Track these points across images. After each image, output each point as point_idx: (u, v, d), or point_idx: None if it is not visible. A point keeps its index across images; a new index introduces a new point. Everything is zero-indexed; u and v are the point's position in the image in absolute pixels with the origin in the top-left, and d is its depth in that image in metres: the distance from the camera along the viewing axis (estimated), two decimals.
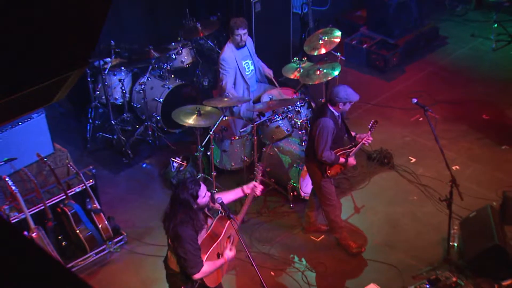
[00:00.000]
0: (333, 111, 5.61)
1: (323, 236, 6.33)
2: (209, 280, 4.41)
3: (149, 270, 6.02)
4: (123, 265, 6.12)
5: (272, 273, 5.89)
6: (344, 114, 5.82)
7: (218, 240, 4.36)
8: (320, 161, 5.69)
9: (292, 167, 6.65)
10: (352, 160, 5.82)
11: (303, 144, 6.66)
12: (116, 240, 6.22)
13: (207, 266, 4.26)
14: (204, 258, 4.26)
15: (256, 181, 4.65)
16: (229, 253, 4.43)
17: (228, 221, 4.33)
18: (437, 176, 6.92)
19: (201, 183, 4.20)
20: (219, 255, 4.40)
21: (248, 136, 6.85)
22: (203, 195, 4.22)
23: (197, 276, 4.18)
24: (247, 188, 4.61)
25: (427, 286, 5.55)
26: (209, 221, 4.44)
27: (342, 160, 5.73)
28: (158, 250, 6.03)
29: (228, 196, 4.63)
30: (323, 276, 5.89)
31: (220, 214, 4.38)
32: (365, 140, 5.82)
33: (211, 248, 4.33)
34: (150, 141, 7.74)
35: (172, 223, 4.20)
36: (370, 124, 5.81)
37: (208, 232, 4.37)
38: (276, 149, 6.82)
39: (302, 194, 6.70)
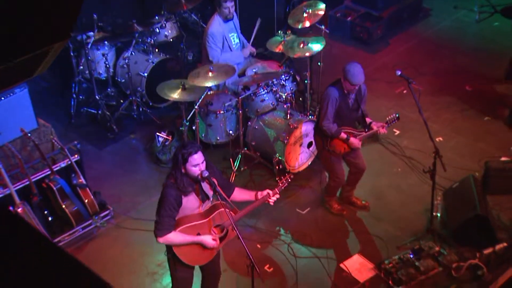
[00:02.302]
0: (344, 85, 5.49)
1: (308, 208, 6.35)
2: (185, 257, 4.32)
3: (136, 244, 5.99)
4: (110, 240, 6.09)
5: (258, 245, 5.89)
6: (363, 97, 5.68)
7: (204, 221, 4.26)
8: (323, 131, 5.64)
9: (278, 140, 6.60)
10: (355, 141, 5.69)
11: (288, 117, 6.63)
12: (102, 214, 6.20)
13: (174, 235, 4.16)
14: (179, 228, 4.17)
15: (273, 190, 4.46)
16: (208, 239, 4.27)
17: (221, 208, 4.20)
18: (421, 148, 6.92)
19: (200, 152, 4.05)
20: (199, 235, 4.31)
21: (233, 110, 6.79)
22: (194, 163, 4.07)
23: (160, 239, 4.12)
24: (260, 194, 4.44)
25: (411, 256, 5.60)
26: (207, 203, 4.35)
27: (343, 135, 5.64)
28: (145, 225, 5.99)
29: (241, 195, 4.51)
30: (309, 248, 5.92)
31: (218, 200, 4.23)
32: (379, 130, 5.68)
33: (192, 223, 4.23)
34: (135, 115, 7.70)
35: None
36: (390, 117, 5.71)
37: (200, 210, 4.29)
38: (261, 123, 6.77)
39: (288, 167, 6.66)
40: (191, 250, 4.29)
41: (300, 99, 7.53)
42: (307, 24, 6.94)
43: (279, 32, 7.12)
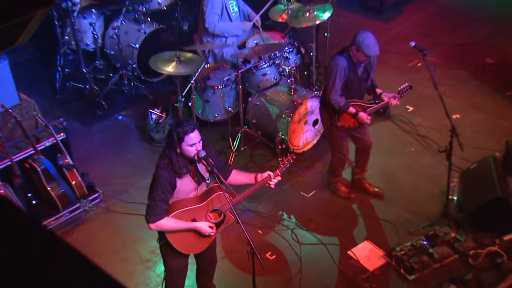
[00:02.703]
0: (352, 54, 5.46)
1: (314, 191, 6.34)
2: (179, 244, 4.33)
3: (128, 230, 6.00)
4: (99, 225, 6.11)
5: (259, 231, 5.88)
6: (372, 65, 5.66)
7: (200, 205, 4.25)
8: (330, 105, 5.61)
9: (280, 118, 6.58)
10: (365, 116, 5.66)
11: (292, 93, 6.62)
12: (91, 198, 6.22)
13: (167, 221, 4.16)
14: (172, 213, 4.18)
15: (274, 172, 4.41)
16: (204, 226, 4.26)
17: (218, 191, 4.20)
18: (436, 126, 6.93)
19: (196, 131, 4.05)
20: (194, 221, 4.31)
21: (232, 85, 6.79)
22: (190, 143, 4.05)
23: (151, 225, 4.13)
24: (260, 176, 4.40)
25: (425, 243, 5.59)
26: (203, 185, 4.36)
27: (352, 110, 5.63)
28: (137, 208, 5.95)
29: (239, 177, 4.49)
30: (314, 234, 5.90)
31: (215, 183, 4.25)
32: (391, 101, 5.65)
33: (187, 208, 4.23)
34: (126, 90, 7.66)
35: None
36: (402, 87, 5.68)
37: (195, 194, 4.30)
38: (262, 99, 6.75)
39: (292, 147, 6.64)
40: (186, 237, 4.29)
41: (305, 73, 7.49)
42: None
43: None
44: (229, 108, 6.86)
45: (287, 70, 6.73)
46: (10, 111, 5.88)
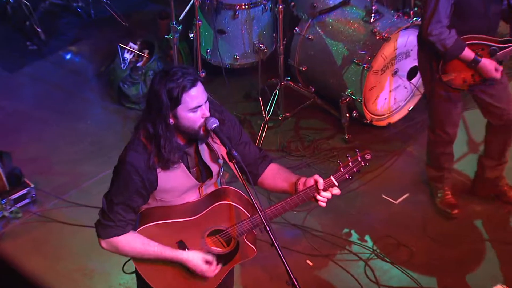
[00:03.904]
0: None
1: (407, 195, 6.08)
2: (157, 282, 4.21)
3: (78, 253, 5.80)
4: (28, 243, 5.90)
5: (309, 262, 5.66)
6: None
7: (191, 219, 4.08)
8: (429, 45, 5.50)
9: (351, 63, 6.38)
10: (492, 65, 5.44)
11: (372, 19, 6.41)
12: (14, 196, 6.02)
13: (130, 240, 4.04)
14: (144, 225, 4.05)
15: (326, 179, 4.09)
16: (197, 260, 4.07)
17: (228, 200, 4.06)
18: None
19: (199, 85, 3.87)
20: (182, 246, 4.12)
21: (266, 4, 6.69)
22: (192, 106, 3.83)
23: (102, 243, 4.05)
24: (303, 184, 4.14)
25: None
26: (210, 184, 4.22)
27: (469, 54, 5.40)
28: (93, 216, 5.51)
29: (277, 178, 4.30)
30: (406, 270, 5.63)
31: (229, 187, 4.19)
32: None
33: (171, 221, 4.07)
34: (79, 9, 7.58)
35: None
36: None
37: (198, 197, 4.14)
38: (319, 30, 6.56)
39: (369, 115, 6.50)
40: (165, 273, 4.20)
41: None
42: None
43: None
44: (260, 46, 6.65)
45: None
46: None
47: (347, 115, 6.42)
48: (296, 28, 6.58)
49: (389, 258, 5.67)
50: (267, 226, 3.88)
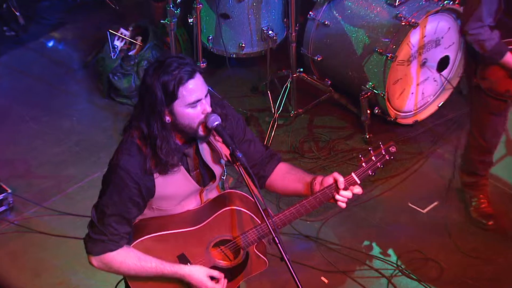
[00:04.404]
0: None
1: (435, 203, 6.00)
2: None
3: (62, 269, 5.72)
4: (1, 255, 5.85)
5: (324, 279, 5.60)
6: None
7: (193, 229, 4.06)
8: (468, 44, 5.49)
9: (373, 52, 6.38)
10: None
11: (397, 2, 6.39)
12: None
13: (124, 256, 3.99)
14: (138, 240, 4.01)
15: (347, 176, 4.04)
16: (200, 276, 4.04)
17: (234, 206, 4.01)
18: None
19: (198, 76, 3.80)
20: (183, 260, 4.09)
21: None
22: (191, 100, 3.79)
23: (93, 260, 3.98)
24: (319, 184, 4.08)
25: None
26: (213, 189, 4.22)
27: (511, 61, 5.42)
28: (79, 226, 5.74)
29: (287, 179, 4.26)
30: (438, 286, 5.60)
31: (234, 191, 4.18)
32: None
33: (170, 232, 4.03)
34: None
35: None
36: None
37: (200, 204, 4.12)
38: (336, 14, 6.58)
39: (393, 112, 6.48)
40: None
41: None
42: None
43: None
44: (269, 32, 6.63)
45: None
46: None
47: (368, 111, 6.36)
48: (310, 13, 6.52)
49: (416, 275, 5.60)
50: (275, 237, 3.82)
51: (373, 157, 4.02)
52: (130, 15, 7.42)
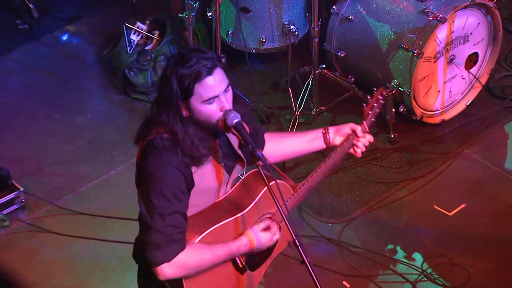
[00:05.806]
0: None
1: (463, 205, 5.96)
2: None
3: (67, 266, 5.70)
4: (13, 255, 5.81)
5: (345, 283, 5.59)
6: None
7: (241, 214, 4.11)
8: None
9: (398, 48, 6.37)
10: None
11: None
12: (1, 201, 6.02)
13: (195, 253, 3.96)
14: (198, 238, 3.97)
15: (360, 124, 4.27)
16: (261, 233, 4.09)
17: (268, 184, 3.92)
18: None
19: (219, 71, 3.81)
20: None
21: None
22: (208, 96, 3.79)
23: (166, 269, 3.89)
24: (338, 134, 4.25)
25: None
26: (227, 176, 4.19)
27: None
28: (94, 226, 5.82)
29: (294, 142, 4.41)
30: None
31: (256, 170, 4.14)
32: None
33: (221, 224, 4.05)
34: None
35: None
36: None
37: (227, 194, 4.18)
38: (361, 8, 6.61)
39: (418, 111, 6.44)
40: (215, 279, 4.17)
41: None
42: None
43: None
44: (291, 27, 6.63)
45: None
46: None
47: (393, 110, 6.35)
48: (334, 7, 6.51)
49: (442, 280, 5.56)
50: (296, 240, 3.79)
51: (374, 104, 4.25)
52: (147, 8, 7.45)
